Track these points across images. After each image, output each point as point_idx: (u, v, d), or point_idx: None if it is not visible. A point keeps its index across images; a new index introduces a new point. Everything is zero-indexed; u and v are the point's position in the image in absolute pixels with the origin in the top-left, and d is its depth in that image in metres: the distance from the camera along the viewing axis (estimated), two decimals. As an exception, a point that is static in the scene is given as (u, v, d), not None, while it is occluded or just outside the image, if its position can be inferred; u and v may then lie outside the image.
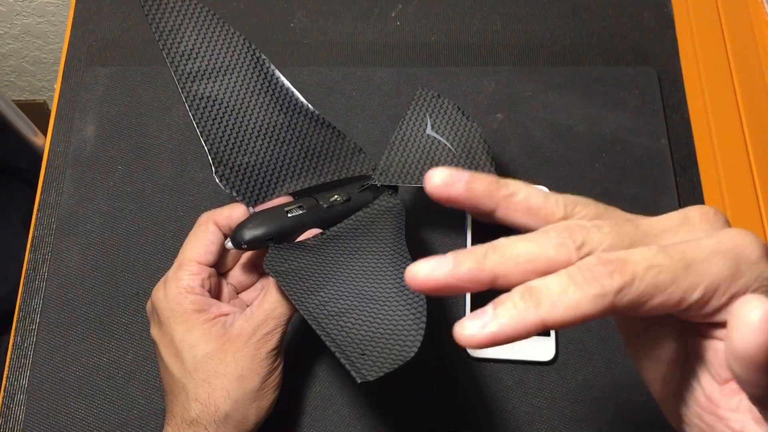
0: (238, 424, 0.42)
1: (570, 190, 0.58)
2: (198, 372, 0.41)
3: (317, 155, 0.49)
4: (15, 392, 0.51)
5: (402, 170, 0.49)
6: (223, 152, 0.47)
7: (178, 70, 0.47)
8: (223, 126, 0.48)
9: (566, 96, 0.60)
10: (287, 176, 0.48)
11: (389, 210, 0.47)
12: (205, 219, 0.46)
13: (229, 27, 0.50)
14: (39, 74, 1.11)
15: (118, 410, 0.50)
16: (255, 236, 0.44)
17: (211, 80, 0.48)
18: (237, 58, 0.49)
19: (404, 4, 0.65)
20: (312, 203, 0.46)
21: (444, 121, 0.51)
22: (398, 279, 0.40)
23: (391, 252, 0.42)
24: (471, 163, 0.49)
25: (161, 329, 0.44)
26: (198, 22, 0.49)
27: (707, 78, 0.61)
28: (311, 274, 0.41)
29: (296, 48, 0.63)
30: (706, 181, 0.58)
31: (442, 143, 0.50)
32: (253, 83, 0.49)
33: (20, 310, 0.53)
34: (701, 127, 0.60)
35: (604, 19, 0.64)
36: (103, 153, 0.58)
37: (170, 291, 0.43)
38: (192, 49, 0.48)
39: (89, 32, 0.63)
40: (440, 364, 0.51)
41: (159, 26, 0.48)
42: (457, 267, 0.28)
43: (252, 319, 0.42)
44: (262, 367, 0.42)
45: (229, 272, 0.48)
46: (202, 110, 0.47)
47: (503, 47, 0.63)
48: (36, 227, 0.56)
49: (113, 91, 0.60)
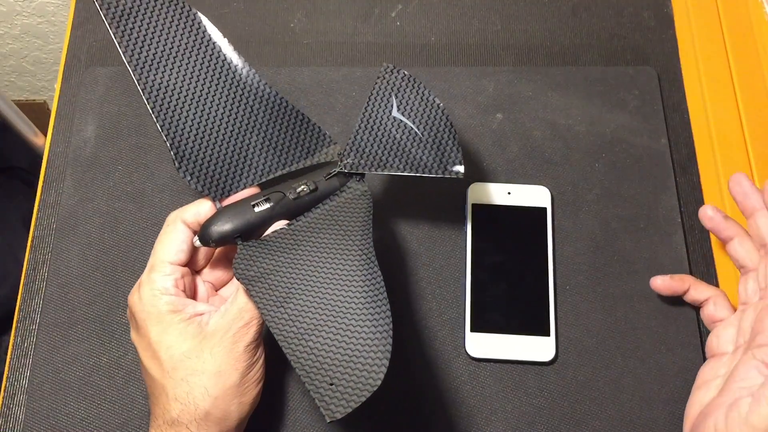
0: (219, 421, 0.41)
1: (570, 190, 0.59)
2: (176, 371, 0.41)
3: (281, 143, 0.49)
4: (15, 392, 0.51)
5: (368, 157, 0.48)
6: (185, 146, 0.46)
7: (132, 59, 0.46)
8: (183, 117, 0.47)
9: (566, 96, 0.60)
10: (252, 167, 0.48)
11: (356, 199, 0.47)
12: (172, 218, 0.46)
13: (183, 6, 0.48)
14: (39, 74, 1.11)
15: (118, 410, 0.50)
16: (222, 233, 0.44)
17: (167, 68, 0.47)
18: (189, 42, 0.48)
19: (404, 4, 0.65)
20: (279, 196, 0.45)
21: (410, 102, 0.49)
22: (365, 285, 0.40)
23: (358, 251, 0.42)
24: (437, 148, 0.48)
25: (139, 333, 0.44)
26: (150, 5, 0.47)
27: (707, 78, 0.61)
28: (280, 279, 0.41)
29: (296, 48, 0.63)
30: (706, 181, 0.58)
31: (409, 126, 0.48)
32: (209, 68, 0.48)
33: (20, 310, 0.53)
34: (701, 127, 0.60)
35: (604, 19, 0.64)
36: (103, 153, 0.58)
37: (144, 294, 0.43)
38: (146, 35, 0.47)
39: (89, 32, 0.63)
40: (440, 364, 0.51)
41: (109, 11, 0.46)
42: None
43: (226, 315, 0.42)
44: (240, 362, 0.42)
45: (205, 269, 0.48)
46: (161, 101, 0.46)
47: (503, 47, 0.63)
48: (36, 227, 0.56)
49: (113, 91, 0.60)
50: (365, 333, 0.38)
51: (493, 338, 0.51)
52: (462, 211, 0.55)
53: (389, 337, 0.37)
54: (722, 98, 0.60)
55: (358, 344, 0.38)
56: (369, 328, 0.38)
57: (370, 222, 0.45)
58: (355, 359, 0.37)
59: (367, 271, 0.41)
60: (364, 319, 0.38)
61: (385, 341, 0.37)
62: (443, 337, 0.52)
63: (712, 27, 0.63)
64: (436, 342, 0.52)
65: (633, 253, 0.55)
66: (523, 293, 0.52)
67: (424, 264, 0.54)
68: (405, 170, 0.47)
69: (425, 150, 0.48)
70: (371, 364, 0.36)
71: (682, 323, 0.52)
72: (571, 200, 0.56)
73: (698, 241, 0.56)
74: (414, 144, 0.48)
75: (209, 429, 0.41)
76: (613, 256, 0.54)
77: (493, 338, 0.51)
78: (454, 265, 0.54)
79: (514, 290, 0.52)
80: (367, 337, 0.38)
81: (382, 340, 0.37)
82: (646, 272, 0.54)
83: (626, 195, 0.57)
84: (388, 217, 0.55)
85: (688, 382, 0.49)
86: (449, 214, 0.56)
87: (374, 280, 0.41)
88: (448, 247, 0.55)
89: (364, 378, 0.36)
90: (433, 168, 0.47)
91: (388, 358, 0.37)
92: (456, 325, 0.52)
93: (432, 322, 0.53)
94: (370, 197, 0.46)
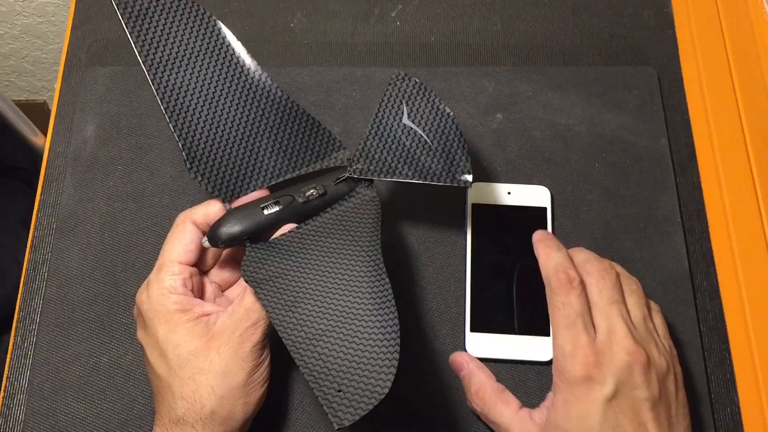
0: (224, 420, 0.41)
1: (570, 190, 0.59)
2: (183, 370, 0.41)
3: (291, 146, 0.49)
4: (15, 392, 0.51)
5: (378, 163, 0.48)
6: (197, 147, 0.46)
7: (147, 60, 0.46)
8: (196, 119, 0.47)
9: (566, 96, 0.60)
10: (262, 170, 0.48)
11: (365, 205, 0.47)
12: (182, 219, 0.46)
13: (198, 8, 0.48)
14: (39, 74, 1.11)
15: (118, 410, 0.50)
16: (231, 234, 0.44)
17: (182, 69, 0.47)
18: (203, 44, 0.48)
19: (404, 4, 0.65)
20: (288, 200, 0.46)
21: (420, 110, 0.49)
22: (373, 292, 0.40)
23: (366, 257, 0.43)
24: (446, 156, 0.48)
25: (146, 331, 0.44)
26: (167, 6, 0.47)
27: (707, 78, 0.61)
28: (288, 283, 0.41)
29: (296, 48, 0.63)
30: (706, 181, 0.58)
31: (419, 134, 0.49)
32: (223, 71, 0.48)
33: (20, 310, 0.53)
34: (701, 127, 0.60)
35: (604, 19, 0.64)
36: (103, 153, 0.58)
37: (152, 292, 0.43)
38: (161, 36, 0.47)
39: (89, 32, 0.63)
40: (440, 364, 0.51)
41: (126, 11, 0.46)
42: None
43: (234, 315, 0.43)
44: (246, 362, 0.42)
45: (212, 270, 0.48)
46: (174, 102, 0.46)
47: (503, 47, 0.63)
48: (36, 227, 0.56)
49: (113, 91, 0.60)
50: (373, 340, 0.38)
51: (493, 338, 0.51)
52: (462, 211, 0.55)
53: (397, 345, 0.37)
54: (722, 98, 0.60)
55: (366, 351, 0.37)
56: (377, 335, 0.38)
57: (379, 228, 0.44)
58: (363, 366, 0.37)
59: (375, 278, 0.41)
60: (372, 325, 0.38)
61: (393, 349, 0.37)
62: (443, 336, 0.52)
63: (712, 27, 0.63)
64: (436, 342, 0.52)
65: (633, 253, 0.55)
66: (523, 293, 0.52)
67: (424, 264, 0.54)
68: (414, 177, 0.47)
69: (434, 158, 0.48)
70: (379, 371, 0.36)
71: (682, 323, 0.52)
72: (571, 200, 0.56)
73: (698, 241, 0.56)
74: (423, 152, 0.48)
75: (214, 428, 0.41)
76: (613, 256, 0.54)
77: (493, 338, 0.51)
78: (455, 265, 0.54)
79: (514, 290, 0.52)
80: (375, 345, 0.38)
81: (390, 348, 0.37)
82: (646, 272, 0.54)
83: (626, 195, 0.57)
84: (388, 217, 0.55)
85: (688, 382, 0.49)
86: (449, 214, 0.56)
87: (382, 287, 0.41)
88: (448, 247, 0.55)
89: (371, 385, 0.36)
90: (441, 176, 0.47)
91: (396, 366, 0.36)
92: (456, 325, 0.52)
93: (432, 322, 0.53)
94: (378, 203, 0.47)
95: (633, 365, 0.42)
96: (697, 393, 0.51)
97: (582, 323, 0.44)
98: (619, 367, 0.42)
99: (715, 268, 0.55)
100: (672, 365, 0.45)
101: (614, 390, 0.42)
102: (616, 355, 0.43)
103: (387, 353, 0.37)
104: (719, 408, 0.51)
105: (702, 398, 0.51)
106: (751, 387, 0.51)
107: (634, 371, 0.42)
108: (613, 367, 0.42)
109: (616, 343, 0.43)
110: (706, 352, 0.52)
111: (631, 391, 0.42)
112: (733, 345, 0.53)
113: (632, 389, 0.42)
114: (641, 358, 0.43)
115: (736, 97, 0.61)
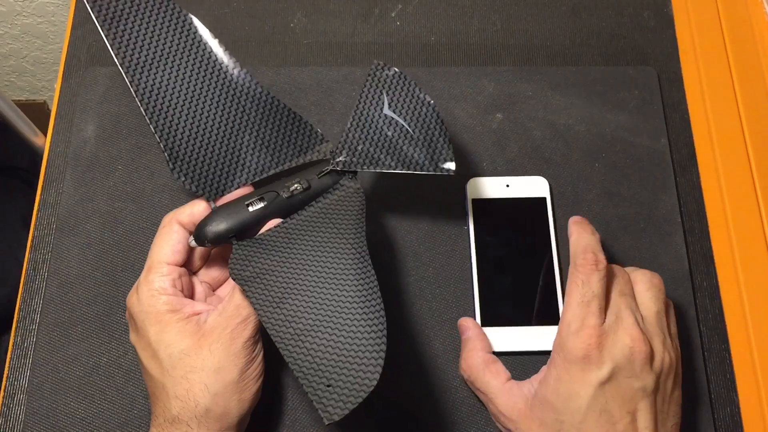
0: (219, 417, 0.41)
1: (570, 190, 0.58)
2: (175, 369, 0.42)
3: (274, 142, 0.49)
4: (15, 392, 0.51)
5: (360, 155, 0.48)
6: (178, 147, 0.47)
7: (125, 61, 0.46)
8: (176, 118, 0.47)
9: (566, 96, 0.60)
10: (245, 166, 0.48)
11: (349, 197, 0.47)
12: (168, 219, 0.46)
13: (174, 7, 0.48)
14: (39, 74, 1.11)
15: (118, 410, 0.50)
16: (217, 233, 0.44)
17: (159, 69, 0.47)
18: (180, 43, 0.48)
19: (404, 4, 0.65)
20: (272, 195, 0.46)
21: (401, 99, 0.49)
22: (358, 284, 0.40)
23: (351, 249, 0.43)
24: (428, 145, 0.48)
25: (138, 333, 0.44)
26: (141, 7, 0.47)
27: (707, 78, 0.61)
28: (275, 279, 0.42)
29: (296, 48, 0.63)
30: (706, 181, 0.58)
31: (400, 124, 0.49)
32: (201, 70, 0.48)
33: (20, 310, 0.53)
34: (701, 127, 0.60)
35: (604, 19, 0.64)
36: (103, 153, 0.58)
37: (142, 294, 0.44)
38: (137, 37, 0.47)
39: (89, 32, 0.63)
40: (440, 362, 0.51)
41: (101, 14, 0.46)
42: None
43: (224, 312, 0.43)
44: (239, 358, 0.42)
45: (201, 270, 0.48)
46: (153, 102, 0.46)
47: (503, 47, 0.63)
48: (36, 227, 0.56)
49: (113, 91, 0.60)
50: (360, 333, 0.38)
51: (505, 331, 0.51)
52: (462, 207, 0.55)
53: (383, 337, 0.37)
54: (722, 98, 0.60)
55: (353, 344, 0.38)
56: (363, 327, 0.38)
57: (363, 219, 0.45)
58: (351, 360, 0.37)
59: (361, 270, 0.41)
60: (358, 318, 0.39)
61: (380, 341, 0.37)
62: (444, 333, 0.52)
63: (712, 27, 0.63)
64: (436, 337, 0.52)
65: (633, 253, 0.55)
66: (530, 284, 0.52)
67: (424, 263, 0.54)
68: (397, 167, 0.47)
69: (416, 147, 0.48)
70: (366, 364, 0.37)
71: (682, 323, 0.52)
72: (571, 200, 0.56)
73: (698, 241, 0.56)
74: (405, 141, 0.48)
75: (210, 426, 0.41)
76: (613, 256, 0.54)
77: (504, 331, 0.51)
78: (456, 264, 0.54)
79: (521, 282, 0.52)
80: (362, 337, 0.38)
81: (377, 340, 0.37)
82: (646, 272, 0.54)
83: (626, 195, 0.57)
84: (388, 217, 0.55)
85: (688, 382, 0.49)
86: (449, 212, 0.56)
87: (367, 279, 0.41)
88: (449, 246, 0.55)
89: (360, 379, 0.36)
90: (424, 165, 0.47)
91: (383, 358, 0.37)
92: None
93: (434, 322, 0.53)
94: (362, 194, 0.47)
95: (634, 354, 0.42)
96: (697, 393, 0.51)
97: (597, 306, 0.44)
98: (619, 353, 0.42)
99: (715, 268, 0.55)
100: (674, 364, 0.45)
101: (609, 374, 0.42)
102: (620, 340, 0.43)
103: (374, 345, 0.37)
104: (719, 408, 0.51)
105: (702, 398, 0.51)
106: (751, 387, 0.51)
107: (635, 360, 0.42)
108: (614, 352, 0.42)
109: (622, 330, 0.43)
110: (706, 352, 0.52)
111: (626, 379, 0.42)
112: (733, 345, 0.53)
113: (628, 377, 0.42)
114: (644, 348, 0.43)
115: (736, 97, 0.61)
